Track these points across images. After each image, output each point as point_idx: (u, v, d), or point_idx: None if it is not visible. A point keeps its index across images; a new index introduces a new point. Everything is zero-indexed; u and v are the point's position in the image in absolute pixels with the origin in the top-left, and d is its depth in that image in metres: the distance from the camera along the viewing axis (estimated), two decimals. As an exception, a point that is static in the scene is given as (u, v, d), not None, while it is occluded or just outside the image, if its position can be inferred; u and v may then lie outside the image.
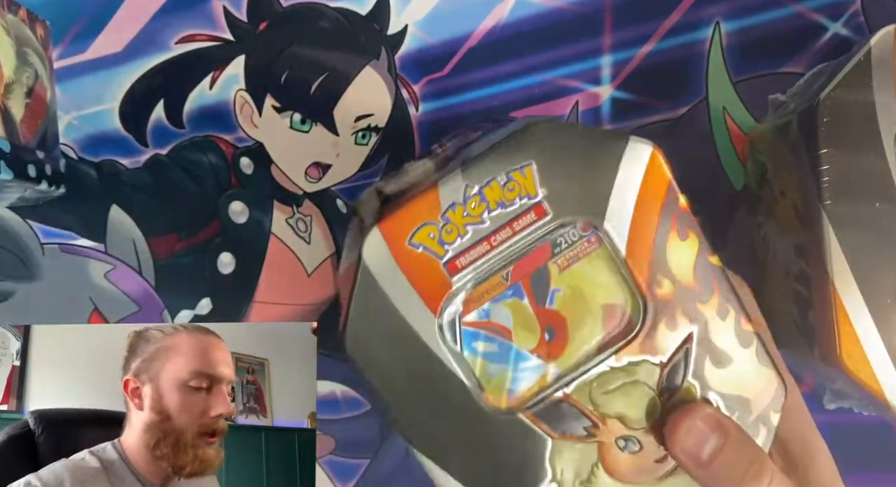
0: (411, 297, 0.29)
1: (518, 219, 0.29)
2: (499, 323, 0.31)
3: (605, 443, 0.30)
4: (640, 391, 0.30)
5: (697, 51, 0.42)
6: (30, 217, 0.44)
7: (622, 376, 0.30)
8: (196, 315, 0.44)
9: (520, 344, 0.30)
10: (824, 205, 0.32)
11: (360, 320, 0.29)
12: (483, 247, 0.29)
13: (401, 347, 0.29)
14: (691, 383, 0.30)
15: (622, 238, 0.30)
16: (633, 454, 0.30)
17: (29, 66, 0.41)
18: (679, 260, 0.30)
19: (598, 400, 0.30)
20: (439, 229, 0.29)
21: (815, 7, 0.42)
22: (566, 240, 0.30)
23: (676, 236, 0.30)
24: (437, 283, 0.29)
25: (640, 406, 0.30)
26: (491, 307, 0.30)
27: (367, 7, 0.44)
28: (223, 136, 0.44)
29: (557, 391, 0.30)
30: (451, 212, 0.29)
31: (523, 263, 0.30)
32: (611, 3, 0.43)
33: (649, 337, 0.30)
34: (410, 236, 0.29)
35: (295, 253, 0.44)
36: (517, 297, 0.30)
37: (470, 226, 0.29)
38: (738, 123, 0.42)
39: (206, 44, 0.44)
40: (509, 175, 0.29)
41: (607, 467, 0.30)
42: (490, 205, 0.29)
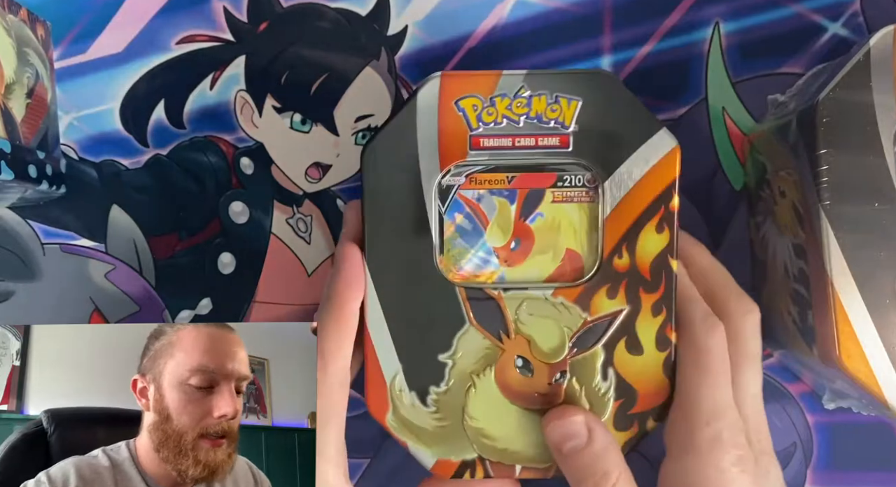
0: (433, 147, 0.33)
1: (545, 136, 0.33)
2: (483, 211, 0.35)
3: (507, 356, 0.34)
4: (557, 329, 0.34)
5: (697, 51, 0.43)
6: (30, 217, 0.44)
7: (550, 309, 0.34)
8: (196, 315, 0.44)
9: (489, 238, 0.34)
10: (823, 206, 0.32)
11: (387, 140, 0.33)
12: (507, 141, 0.33)
13: (402, 181, 0.33)
14: (599, 350, 0.34)
15: (613, 202, 0.33)
16: (524, 377, 0.34)
17: (30, 67, 0.41)
18: (646, 246, 0.33)
19: (521, 316, 0.34)
20: (483, 106, 0.33)
21: (815, 7, 0.42)
22: (571, 181, 0.34)
23: (654, 226, 0.33)
24: (457, 148, 0.33)
25: (550, 341, 0.34)
26: (484, 195, 0.34)
27: (368, 7, 0.44)
28: (223, 137, 0.44)
29: (496, 289, 0.33)
30: (498, 99, 0.33)
31: (529, 177, 0.34)
32: (611, 3, 0.43)
33: (588, 293, 0.33)
34: (459, 98, 0.33)
35: (295, 254, 0.44)
36: (508, 200, 0.34)
37: (507, 118, 0.33)
38: (737, 124, 0.42)
39: (207, 44, 0.44)
40: (557, 98, 0.33)
41: (498, 375, 0.34)
42: (531, 112, 0.33)
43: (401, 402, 0.34)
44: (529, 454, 0.34)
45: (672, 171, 0.33)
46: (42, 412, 0.39)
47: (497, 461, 0.34)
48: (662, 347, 0.34)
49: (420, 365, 0.34)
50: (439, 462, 0.34)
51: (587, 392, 0.34)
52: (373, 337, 0.34)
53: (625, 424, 0.34)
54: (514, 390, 0.34)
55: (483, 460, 0.34)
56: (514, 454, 0.34)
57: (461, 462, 0.34)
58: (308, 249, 0.44)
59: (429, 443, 0.34)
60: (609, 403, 0.34)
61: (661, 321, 0.33)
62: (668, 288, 0.33)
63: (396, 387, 0.34)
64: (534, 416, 0.34)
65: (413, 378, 0.34)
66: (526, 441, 0.34)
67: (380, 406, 0.34)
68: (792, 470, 0.42)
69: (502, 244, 0.34)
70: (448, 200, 0.34)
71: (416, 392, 0.34)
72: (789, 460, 0.42)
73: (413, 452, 0.34)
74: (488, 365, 0.34)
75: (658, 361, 0.33)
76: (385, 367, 0.34)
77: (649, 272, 0.33)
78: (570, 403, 0.34)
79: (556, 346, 0.34)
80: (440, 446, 0.34)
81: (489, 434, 0.34)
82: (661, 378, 0.34)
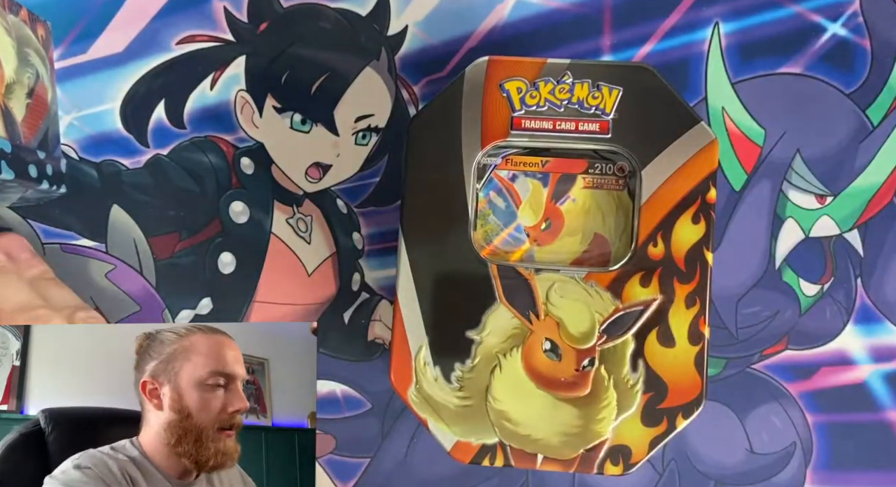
0: (476, 125, 0.34)
1: (586, 121, 0.34)
2: (517, 191, 0.36)
3: (535, 337, 0.34)
4: (587, 313, 0.34)
5: (697, 51, 0.43)
6: (31, 217, 0.44)
7: (581, 293, 0.34)
8: (196, 314, 0.44)
9: (522, 217, 0.36)
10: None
11: (432, 117, 0.35)
12: (548, 124, 0.34)
13: (443, 156, 0.34)
14: (630, 339, 0.33)
15: (650, 190, 0.34)
16: (551, 361, 0.34)
17: (30, 67, 0.41)
18: (682, 236, 0.34)
19: (552, 297, 0.34)
20: (527, 89, 0.34)
21: (814, 7, 0.42)
22: (602, 168, 0.35)
23: (691, 216, 0.34)
24: (499, 128, 0.34)
25: (580, 325, 0.34)
26: (519, 175, 0.36)
27: (368, 8, 0.44)
28: (224, 137, 0.44)
29: (528, 269, 0.34)
30: (542, 83, 0.34)
31: (562, 162, 0.35)
32: (611, 3, 0.43)
33: (621, 279, 0.34)
34: (504, 80, 0.34)
35: (295, 253, 0.44)
36: (542, 183, 0.36)
37: (549, 102, 0.34)
38: (737, 124, 0.43)
39: (207, 44, 0.44)
40: (599, 86, 0.34)
41: (524, 356, 0.34)
42: (573, 98, 0.34)
43: (424, 377, 0.34)
44: (552, 443, 0.33)
45: (710, 164, 0.33)
46: (40, 411, 0.39)
47: (518, 448, 0.34)
48: (695, 341, 0.33)
49: (447, 340, 0.34)
50: (458, 443, 0.34)
51: (615, 381, 0.33)
52: (402, 307, 0.34)
53: (654, 420, 0.33)
54: (540, 374, 0.34)
55: (504, 445, 0.34)
56: (537, 442, 0.34)
57: (481, 446, 0.34)
58: (308, 249, 0.44)
59: (449, 422, 0.34)
60: (638, 396, 0.33)
61: (695, 313, 0.33)
62: (702, 280, 0.33)
63: (421, 361, 0.34)
64: (559, 404, 0.33)
65: (439, 352, 0.34)
66: (549, 429, 0.33)
67: (403, 380, 0.34)
68: (792, 470, 0.42)
69: (534, 224, 0.36)
70: (484, 179, 0.36)
71: (441, 367, 0.34)
72: (789, 460, 0.42)
73: (432, 431, 0.34)
74: (515, 345, 0.34)
75: (690, 355, 0.33)
76: (412, 339, 0.34)
77: (684, 262, 0.33)
78: (598, 392, 0.33)
79: (585, 331, 0.34)
80: (461, 426, 0.34)
81: (512, 417, 0.34)
82: (693, 372, 0.33)
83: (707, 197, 0.33)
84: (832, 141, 0.42)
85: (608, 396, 0.33)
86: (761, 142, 0.42)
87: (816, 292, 0.42)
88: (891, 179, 0.42)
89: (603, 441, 0.33)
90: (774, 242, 0.42)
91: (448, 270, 0.34)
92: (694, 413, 0.33)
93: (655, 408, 0.33)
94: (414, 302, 0.34)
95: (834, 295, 0.42)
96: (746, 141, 0.42)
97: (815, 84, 0.42)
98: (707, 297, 0.33)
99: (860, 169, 0.42)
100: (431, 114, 0.34)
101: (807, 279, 0.42)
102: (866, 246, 0.42)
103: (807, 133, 0.42)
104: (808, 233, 0.42)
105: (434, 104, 0.34)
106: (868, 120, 0.42)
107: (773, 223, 0.42)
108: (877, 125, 0.42)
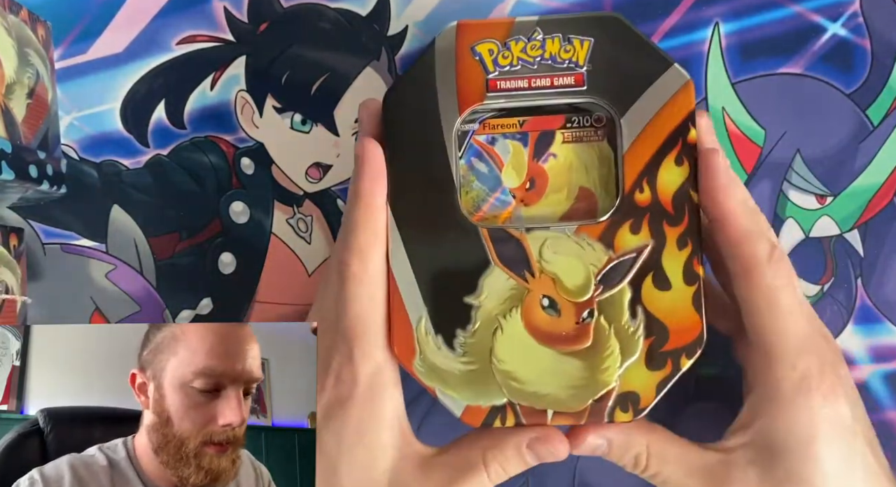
0: (451, 93, 0.34)
1: (560, 76, 0.34)
2: (498, 154, 0.36)
3: (533, 296, 0.34)
4: (582, 266, 0.34)
5: (697, 51, 0.43)
6: (31, 217, 0.44)
7: (574, 247, 0.34)
8: (197, 315, 0.44)
9: (505, 179, 0.36)
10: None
11: (406, 88, 0.34)
12: (523, 83, 0.34)
13: (422, 126, 0.34)
14: (626, 287, 0.33)
15: (630, 137, 0.34)
16: (550, 317, 0.34)
17: (30, 67, 0.41)
18: (667, 179, 0.34)
19: (545, 254, 0.34)
20: (498, 50, 0.34)
21: (814, 7, 0.42)
22: (579, 121, 0.35)
23: (674, 159, 0.34)
24: (474, 92, 0.34)
25: (575, 278, 0.34)
26: (498, 138, 0.36)
27: (368, 8, 0.44)
28: (224, 137, 0.44)
29: (518, 229, 0.34)
30: (513, 43, 0.34)
31: (539, 120, 0.35)
32: (611, 3, 0.43)
33: (611, 229, 0.34)
34: (475, 43, 0.34)
35: (295, 254, 0.44)
36: (521, 143, 0.36)
37: (522, 61, 0.34)
38: (737, 124, 0.43)
39: (207, 44, 0.44)
40: (570, 40, 0.34)
41: (524, 316, 0.34)
42: (545, 54, 0.34)
43: (427, 347, 0.34)
44: (560, 397, 0.33)
45: (687, 105, 0.33)
46: (38, 411, 0.39)
47: (527, 405, 0.33)
48: (690, 281, 0.33)
49: (446, 309, 0.34)
50: (468, 408, 0.34)
51: (616, 330, 0.33)
52: (398, 281, 0.34)
53: (658, 363, 0.33)
54: (541, 331, 0.34)
55: (513, 405, 0.33)
56: (545, 397, 0.33)
57: (491, 408, 0.33)
58: (308, 249, 0.44)
59: (457, 389, 0.34)
60: (640, 342, 0.33)
61: (688, 254, 0.33)
62: (691, 221, 0.33)
63: (423, 331, 0.34)
64: (563, 358, 0.33)
65: (439, 321, 0.34)
66: (556, 384, 0.33)
67: (406, 352, 0.34)
68: (792, 470, 0.42)
69: (518, 185, 0.36)
70: (464, 146, 0.36)
71: (443, 335, 0.34)
72: (789, 460, 0.42)
73: (441, 399, 0.34)
74: (514, 306, 0.34)
75: (687, 295, 0.33)
76: (411, 312, 0.34)
77: (672, 205, 0.33)
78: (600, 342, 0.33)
79: (581, 284, 0.33)
80: (469, 391, 0.34)
81: (518, 376, 0.33)
82: (692, 313, 0.33)
83: (688, 138, 0.33)
84: (832, 141, 0.42)
85: (610, 345, 0.33)
86: (761, 142, 0.42)
87: (816, 292, 0.42)
88: (891, 179, 0.42)
89: (610, 389, 0.33)
90: (774, 242, 0.42)
91: (440, 240, 0.34)
92: (696, 352, 0.33)
93: (658, 352, 0.33)
94: (410, 275, 0.34)
95: (834, 295, 0.42)
96: (746, 141, 0.42)
97: (815, 84, 0.42)
98: (698, 237, 0.33)
99: (860, 169, 0.42)
100: (405, 87, 0.34)
101: (807, 279, 0.42)
102: (866, 246, 0.42)
103: (807, 133, 0.42)
104: (808, 233, 0.42)
105: (407, 76, 0.34)
106: (868, 120, 0.42)
107: (773, 223, 0.42)
108: (877, 125, 0.42)
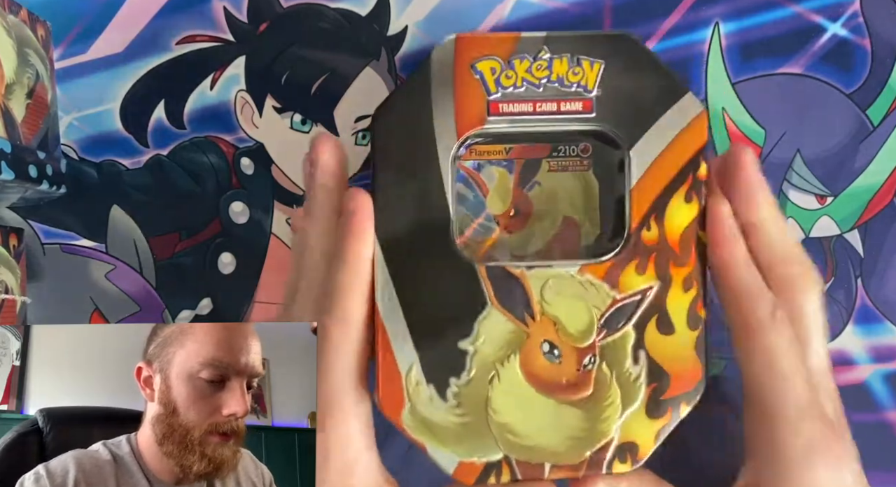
0: (448, 114, 0.31)
1: (568, 101, 0.31)
2: (482, 180, 0.35)
3: (532, 341, 0.31)
4: (584, 309, 0.31)
5: (696, 51, 0.43)
6: (31, 217, 0.44)
7: (577, 288, 0.31)
8: (197, 315, 0.44)
9: (490, 206, 0.35)
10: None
11: (398, 107, 0.31)
12: (528, 107, 0.31)
13: (415, 150, 0.31)
14: (630, 330, 0.31)
15: (640, 170, 0.31)
16: (551, 364, 0.31)
17: (30, 67, 0.41)
18: (675, 217, 0.31)
19: (546, 296, 0.31)
20: (501, 68, 0.31)
21: (814, 8, 0.42)
22: (565, 151, 0.34)
23: (683, 195, 0.31)
24: (475, 115, 0.31)
25: (578, 322, 0.31)
26: (484, 165, 0.34)
27: (368, 8, 0.44)
28: (224, 137, 0.44)
29: (518, 267, 0.31)
30: (517, 61, 0.31)
31: (526, 148, 0.34)
32: (611, 3, 0.43)
33: (616, 269, 0.31)
34: (475, 61, 0.31)
35: (295, 254, 0.44)
36: (507, 170, 0.34)
37: (527, 82, 0.31)
38: (737, 124, 0.43)
39: (207, 44, 0.44)
40: (580, 61, 0.31)
41: (523, 362, 0.31)
42: (552, 75, 0.31)
43: (417, 397, 0.31)
44: (559, 449, 0.31)
45: (700, 138, 0.31)
46: (38, 411, 0.39)
47: (524, 460, 0.31)
48: (693, 325, 0.32)
49: (438, 355, 0.31)
50: (462, 464, 0.31)
51: (618, 377, 0.31)
52: (387, 325, 0.31)
53: (658, 411, 0.31)
54: (541, 378, 0.31)
55: (509, 460, 0.31)
56: (543, 450, 0.31)
57: (485, 464, 0.31)
58: (308, 249, 0.44)
59: (449, 443, 0.31)
60: (641, 389, 0.31)
61: (693, 297, 0.31)
62: (698, 262, 0.31)
63: (413, 381, 0.31)
64: (562, 408, 0.31)
65: (431, 369, 0.31)
66: (555, 436, 0.31)
67: (394, 404, 0.31)
68: (792, 470, 0.42)
69: (502, 212, 0.35)
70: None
71: (435, 384, 0.31)
72: (789, 460, 0.42)
73: (432, 455, 0.32)
74: (512, 351, 0.31)
75: (690, 340, 0.31)
76: (400, 359, 0.31)
77: (679, 245, 0.31)
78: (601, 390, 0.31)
79: (584, 328, 0.31)
80: (462, 446, 0.31)
81: (515, 429, 0.31)
82: (693, 358, 0.31)
83: (698, 174, 0.31)
84: (832, 141, 0.42)
85: (611, 394, 0.31)
86: (761, 142, 0.42)
87: (816, 292, 0.42)
88: (891, 179, 0.42)
89: (609, 440, 0.31)
90: (774, 242, 0.42)
91: (433, 278, 0.31)
92: (695, 400, 0.32)
93: (659, 399, 0.31)
94: (399, 319, 0.31)
95: (834, 295, 0.42)
96: (747, 141, 0.42)
97: (815, 84, 0.42)
98: (703, 279, 0.32)
99: (860, 169, 0.42)
100: (398, 106, 0.31)
101: (807, 279, 0.42)
102: (866, 246, 0.42)
103: (807, 133, 0.42)
104: (808, 234, 0.42)
105: (399, 93, 0.31)
106: (868, 120, 0.42)
107: (773, 223, 0.42)
108: (877, 125, 0.42)
